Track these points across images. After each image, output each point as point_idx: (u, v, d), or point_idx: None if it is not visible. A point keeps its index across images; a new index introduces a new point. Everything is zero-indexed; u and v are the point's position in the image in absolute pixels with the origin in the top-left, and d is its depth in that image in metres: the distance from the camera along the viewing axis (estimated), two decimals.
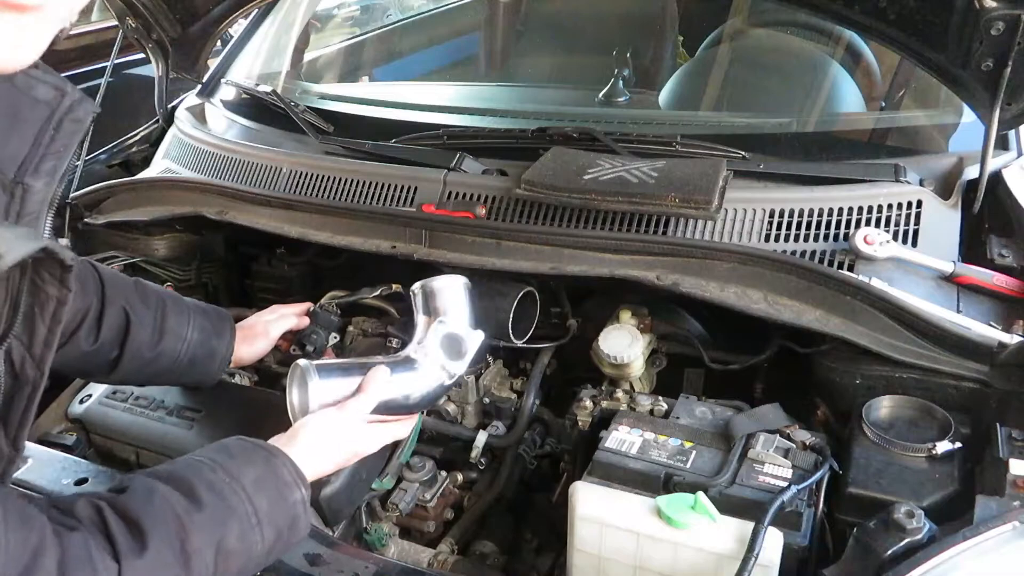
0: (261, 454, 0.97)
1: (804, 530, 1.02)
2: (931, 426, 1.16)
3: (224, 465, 0.92)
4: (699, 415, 1.24)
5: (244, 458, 0.95)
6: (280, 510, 0.93)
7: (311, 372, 1.16)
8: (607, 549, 1.05)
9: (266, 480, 0.94)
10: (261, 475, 0.94)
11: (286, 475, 0.96)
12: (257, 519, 0.90)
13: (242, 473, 0.92)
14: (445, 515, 1.37)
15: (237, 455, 0.95)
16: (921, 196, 1.42)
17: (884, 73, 1.99)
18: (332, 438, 1.10)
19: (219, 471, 0.91)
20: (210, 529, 0.86)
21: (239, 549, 0.88)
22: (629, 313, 1.45)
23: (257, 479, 0.93)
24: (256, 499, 0.91)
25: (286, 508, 0.94)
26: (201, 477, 0.89)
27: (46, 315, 0.87)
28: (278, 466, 0.97)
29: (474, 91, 2.44)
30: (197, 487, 0.87)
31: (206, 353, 1.33)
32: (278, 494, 0.94)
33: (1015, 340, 1.17)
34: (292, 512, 0.95)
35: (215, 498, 0.88)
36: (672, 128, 1.82)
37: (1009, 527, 0.90)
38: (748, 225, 1.43)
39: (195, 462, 0.93)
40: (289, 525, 0.95)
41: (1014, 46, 1.27)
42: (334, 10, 3.17)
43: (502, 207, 1.55)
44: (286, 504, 0.94)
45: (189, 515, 0.85)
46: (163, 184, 1.85)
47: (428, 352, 1.27)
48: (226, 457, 0.94)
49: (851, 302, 1.26)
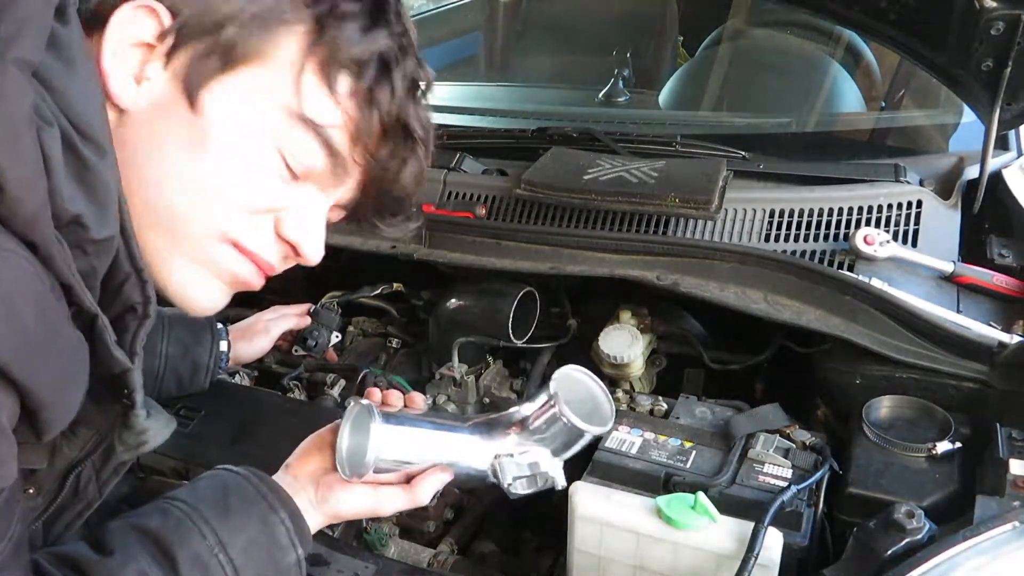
0: (259, 508, 0.88)
1: (804, 530, 1.02)
2: (931, 426, 1.16)
3: (217, 529, 0.84)
4: (699, 415, 1.24)
5: (241, 517, 0.87)
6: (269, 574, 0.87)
7: (374, 416, 0.95)
8: (607, 549, 1.05)
9: (259, 545, 0.86)
10: (254, 539, 0.86)
11: (282, 538, 0.88)
12: None
13: (233, 540, 0.84)
14: (445, 515, 1.36)
15: (234, 512, 0.87)
16: (921, 196, 1.42)
17: (884, 73, 2.00)
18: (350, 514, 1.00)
19: (209, 537, 0.83)
20: None
21: None
22: (629, 313, 1.45)
23: (248, 545, 0.85)
24: (243, 571, 0.84)
25: (276, 571, 0.87)
26: (187, 547, 0.82)
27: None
28: (275, 526, 0.88)
29: (474, 91, 2.44)
30: (179, 559, 0.80)
31: (188, 367, 1.28)
32: (270, 561, 0.86)
33: (1015, 340, 1.17)
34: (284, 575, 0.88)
35: (196, 571, 0.81)
36: (672, 128, 1.83)
37: (1009, 527, 0.90)
38: (748, 225, 1.43)
39: (185, 521, 0.84)
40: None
41: (1014, 46, 1.27)
42: None
43: (502, 207, 1.55)
44: (277, 569, 0.87)
45: None
46: None
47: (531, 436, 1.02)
48: (221, 515, 0.86)
49: (851, 302, 1.26)
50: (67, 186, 0.65)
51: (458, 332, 1.46)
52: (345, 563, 1.07)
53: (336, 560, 1.07)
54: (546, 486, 1.01)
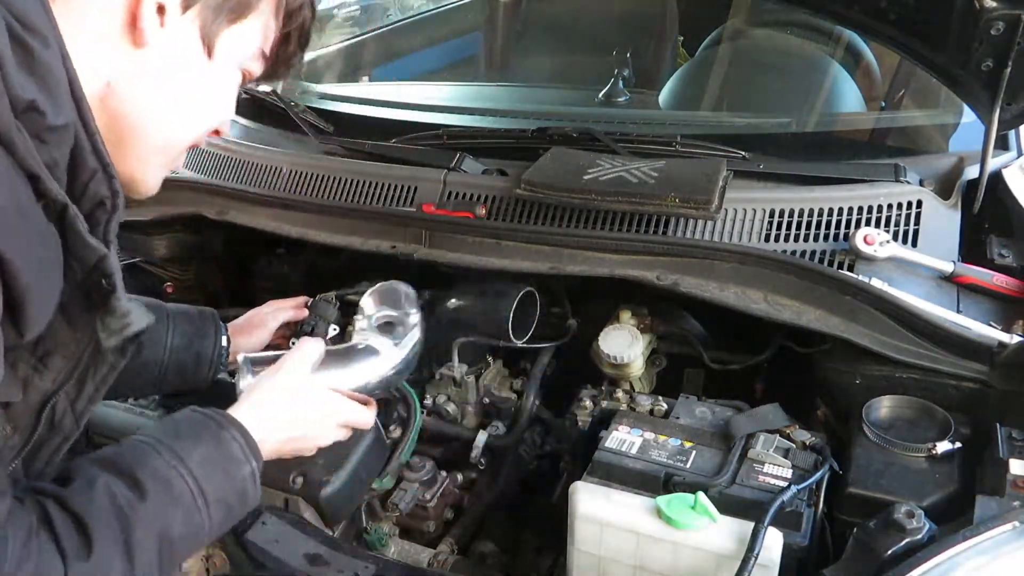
0: (210, 429, 0.95)
1: (804, 530, 1.02)
2: (931, 426, 1.16)
3: (171, 447, 0.89)
4: (699, 415, 1.24)
5: (192, 436, 0.93)
6: (228, 488, 0.92)
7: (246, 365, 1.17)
8: (607, 549, 1.05)
9: (214, 459, 0.92)
10: (209, 454, 0.92)
11: (236, 450, 0.94)
12: (204, 500, 0.89)
13: (189, 455, 0.89)
14: (445, 515, 1.37)
15: (185, 433, 0.93)
16: (921, 196, 1.42)
17: (884, 73, 2.00)
18: (283, 398, 1.07)
19: (165, 454, 0.88)
20: (154, 519, 0.84)
21: (185, 534, 0.87)
22: (629, 313, 1.45)
23: (204, 459, 0.91)
24: (203, 481, 0.89)
25: (234, 485, 0.93)
26: (145, 464, 0.87)
27: (97, 377, 0.93)
28: (227, 441, 0.94)
29: (474, 91, 2.44)
30: (141, 476, 0.85)
31: (192, 358, 1.31)
32: (226, 473, 0.92)
33: (1015, 340, 1.17)
34: (241, 487, 0.94)
35: (159, 487, 0.85)
36: (672, 128, 1.83)
37: (1009, 527, 0.90)
38: (748, 225, 1.43)
39: (141, 445, 0.90)
40: (239, 500, 0.94)
41: (1014, 46, 1.27)
42: (334, 10, 3.16)
43: (502, 207, 1.55)
44: (234, 481, 0.93)
45: (132, 508, 0.83)
46: (163, 184, 1.85)
47: (367, 335, 1.29)
48: (173, 437, 0.91)
49: (851, 302, 1.26)
50: (18, 75, 0.70)
51: (458, 332, 1.47)
52: (345, 563, 1.07)
53: (336, 560, 1.07)
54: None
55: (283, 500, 1.17)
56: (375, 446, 1.24)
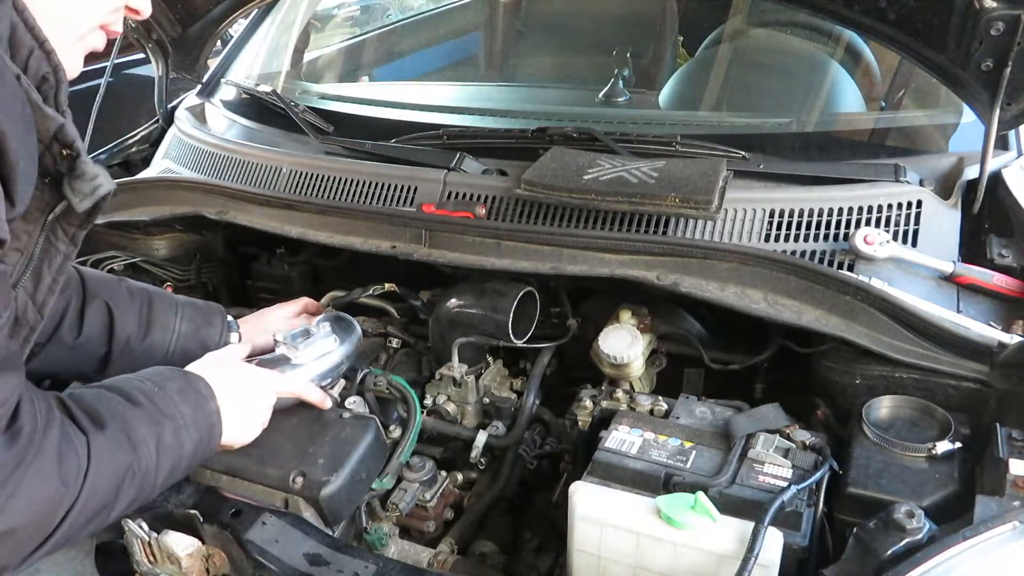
0: (179, 374, 1.11)
1: (804, 530, 1.02)
2: (931, 426, 1.16)
3: (151, 378, 1.06)
4: (699, 415, 1.24)
5: (166, 374, 1.08)
6: (201, 416, 1.06)
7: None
8: (607, 549, 1.05)
9: (187, 391, 1.07)
10: (182, 387, 1.07)
11: (203, 388, 1.09)
12: (184, 421, 1.03)
13: (167, 384, 1.05)
14: (445, 515, 1.37)
15: (160, 373, 1.09)
16: (921, 196, 1.42)
17: (884, 73, 1.99)
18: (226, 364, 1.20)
19: (147, 383, 1.04)
20: (148, 424, 0.99)
21: (173, 445, 1.01)
22: (629, 313, 1.45)
23: (180, 390, 1.06)
24: (181, 406, 1.04)
25: (206, 415, 1.07)
26: (133, 386, 1.03)
27: (52, 268, 0.97)
28: (195, 381, 1.10)
29: (474, 91, 2.44)
30: (132, 392, 1.01)
31: (198, 344, 1.35)
32: (198, 403, 1.07)
33: (1015, 340, 1.17)
34: (210, 420, 1.08)
35: (149, 401, 1.01)
36: (672, 128, 1.82)
37: (1009, 527, 0.90)
38: (748, 225, 1.44)
39: (125, 378, 1.06)
40: (208, 431, 1.07)
41: (1014, 46, 1.27)
42: (334, 10, 3.17)
43: (502, 207, 1.55)
44: (205, 412, 1.07)
45: (130, 411, 0.98)
46: (163, 184, 1.85)
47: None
48: (151, 374, 1.08)
49: (851, 302, 1.26)
50: None
51: (458, 332, 1.47)
52: (345, 563, 1.07)
53: (336, 560, 1.07)
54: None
55: (283, 500, 1.17)
56: (375, 446, 1.24)
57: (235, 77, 2.21)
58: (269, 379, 1.23)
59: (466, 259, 1.48)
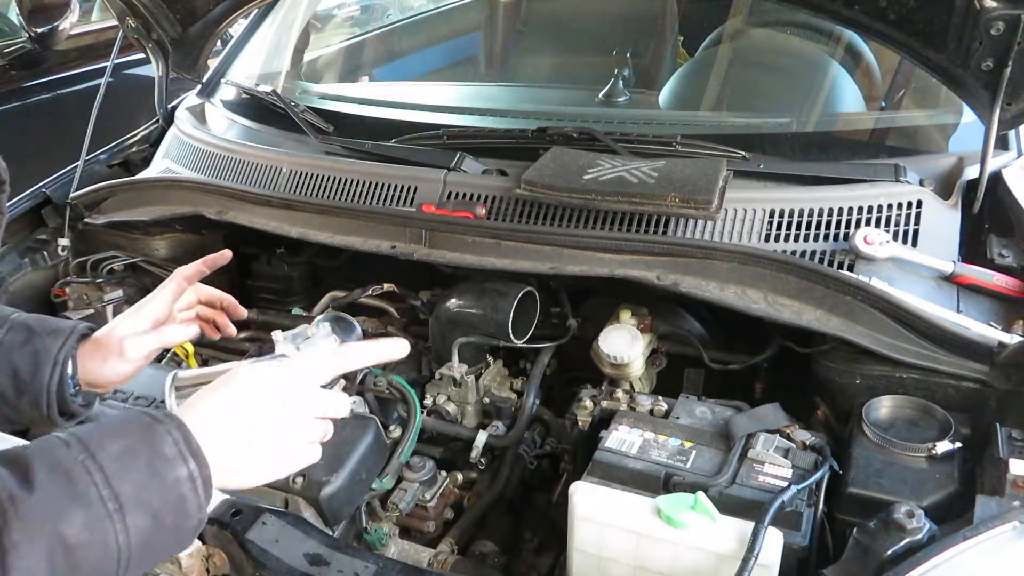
0: (140, 423, 0.77)
1: (804, 530, 1.02)
2: (931, 426, 1.16)
3: (84, 439, 0.74)
4: (699, 415, 1.24)
5: (115, 430, 0.77)
6: (154, 491, 0.74)
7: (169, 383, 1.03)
8: (607, 549, 1.05)
9: (135, 454, 0.74)
10: (130, 447, 0.75)
11: (167, 448, 0.76)
12: (117, 503, 0.72)
13: (102, 447, 0.74)
14: (445, 515, 1.37)
15: (109, 427, 0.77)
16: (921, 196, 1.42)
17: (884, 73, 1.99)
18: (243, 390, 0.86)
19: (74, 447, 0.73)
20: (40, 518, 0.69)
21: (88, 541, 0.70)
22: (629, 313, 1.45)
23: (123, 453, 0.74)
24: (116, 480, 0.72)
25: (163, 488, 0.74)
26: (46, 456, 0.72)
27: None
28: (158, 435, 0.76)
29: (474, 91, 2.44)
30: (35, 468, 0.71)
31: (27, 359, 1.04)
32: (151, 471, 0.74)
33: (1015, 340, 1.17)
34: (174, 492, 0.75)
35: (55, 479, 0.71)
36: (672, 128, 1.82)
37: (1009, 527, 0.90)
38: (748, 225, 1.43)
39: (52, 439, 0.75)
40: (172, 509, 0.75)
41: (1014, 46, 1.27)
42: (334, 10, 3.17)
43: (502, 207, 1.55)
44: (163, 483, 0.74)
45: (13, 502, 0.68)
46: (163, 184, 1.85)
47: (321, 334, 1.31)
48: (93, 431, 0.76)
49: (851, 302, 1.26)
50: None
51: (458, 332, 1.47)
52: (345, 563, 1.06)
53: (336, 560, 1.07)
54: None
55: (283, 500, 1.17)
56: (375, 446, 1.24)
57: (235, 77, 2.21)
58: (303, 372, 0.90)
59: (466, 259, 1.48)
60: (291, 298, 1.85)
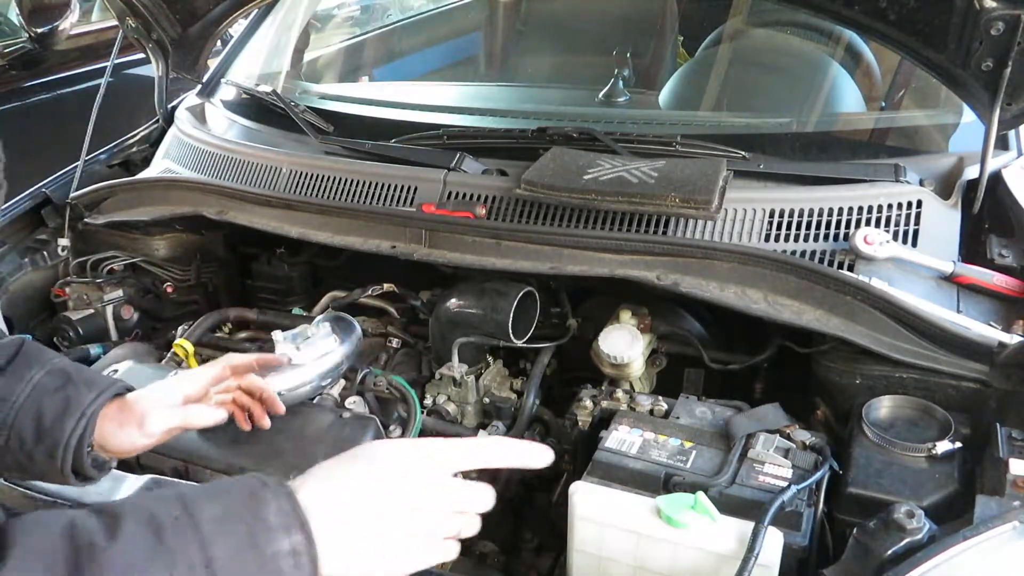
0: (246, 487, 0.71)
1: (804, 530, 1.02)
2: (931, 426, 1.16)
3: (185, 498, 0.69)
4: (699, 415, 1.24)
5: (220, 491, 0.71)
6: (250, 561, 0.67)
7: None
8: (607, 549, 1.05)
9: (236, 518, 0.68)
10: (231, 511, 0.68)
11: (270, 516, 0.68)
12: (208, 569, 0.65)
13: (202, 507, 0.68)
14: None
15: (215, 488, 0.72)
16: (921, 196, 1.42)
17: (884, 73, 1.99)
18: (395, 479, 0.76)
19: (172, 504, 0.68)
20: (115, 570, 0.63)
21: None
22: (629, 313, 1.45)
23: (222, 516, 0.68)
24: (211, 543, 0.66)
25: (260, 559, 0.67)
26: (140, 509, 0.68)
27: None
28: (263, 502, 0.69)
29: (474, 91, 2.44)
30: (125, 519, 0.66)
31: (58, 406, 0.99)
32: (250, 540, 0.67)
33: (1015, 340, 1.17)
34: (271, 566, 0.67)
35: (141, 532, 0.65)
36: (672, 128, 1.82)
37: (1009, 527, 0.90)
38: (748, 225, 1.43)
39: (155, 495, 0.73)
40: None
41: (1014, 46, 1.27)
42: (334, 10, 3.17)
43: (502, 207, 1.55)
44: (260, 554, 0.67)
45: (92, 550, 0.63)
46: (163, 184, 1.85)
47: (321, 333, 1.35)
48: (198, 491, 0.71)
49: (851, 302, 1.26)
50: None
51: (458, 332, 1.47)
52: None
53: None
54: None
55: None
56: None
57: (235, 77, 2.21)
58: (444, 455, 0.80)
59: (466, 259, 1.48)
60: (291, 298, 1.86)
